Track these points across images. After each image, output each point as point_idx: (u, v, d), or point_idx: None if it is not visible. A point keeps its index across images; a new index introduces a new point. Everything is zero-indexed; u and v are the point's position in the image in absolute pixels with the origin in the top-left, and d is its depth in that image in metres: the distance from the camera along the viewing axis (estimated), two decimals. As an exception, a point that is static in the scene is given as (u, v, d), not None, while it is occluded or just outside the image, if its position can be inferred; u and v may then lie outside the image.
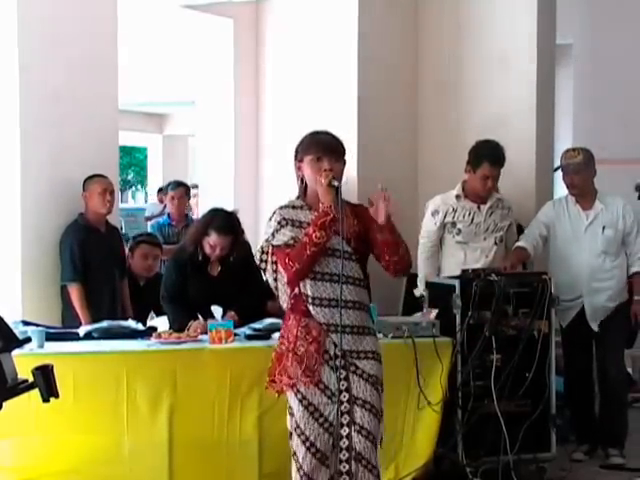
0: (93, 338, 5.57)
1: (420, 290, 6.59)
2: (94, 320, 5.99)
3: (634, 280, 6.71)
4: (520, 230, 7.20)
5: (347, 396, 4.31)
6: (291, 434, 4.36)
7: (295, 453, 4.34)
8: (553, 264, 6.74)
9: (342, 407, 4.29)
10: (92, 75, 6.70)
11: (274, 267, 4.37)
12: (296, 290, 4.33)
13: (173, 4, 8.23)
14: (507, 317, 5.92)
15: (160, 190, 15.05)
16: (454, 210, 6.58)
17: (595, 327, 6.61)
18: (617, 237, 6.63)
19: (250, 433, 5.31)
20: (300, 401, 4.29)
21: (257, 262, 4.43)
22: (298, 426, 4.30)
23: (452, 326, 5.87)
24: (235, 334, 5.50)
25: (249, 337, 5.59)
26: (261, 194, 8.32)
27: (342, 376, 4.30)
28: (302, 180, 4.40)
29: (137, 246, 7.15)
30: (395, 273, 4.43)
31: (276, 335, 5.52)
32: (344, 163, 4.40)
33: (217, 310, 5.62)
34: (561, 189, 7.21)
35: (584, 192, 6.69)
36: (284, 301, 4.43)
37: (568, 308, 6.59)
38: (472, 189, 6.61)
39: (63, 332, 5.76)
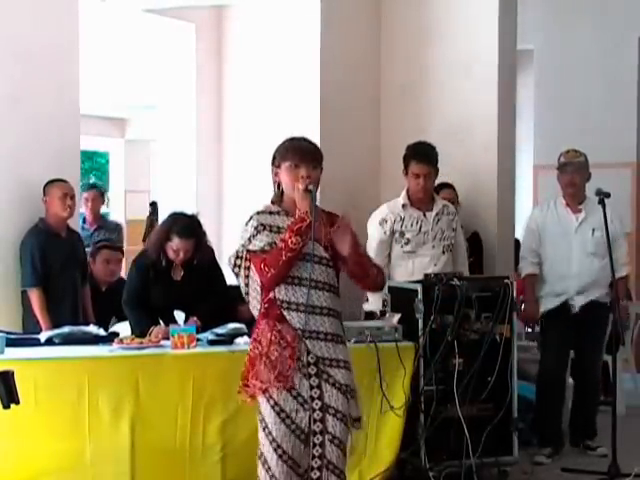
0: (54, 344, 5.54)
1: (370, 306, 6.51)
2: (55, 325, 5.95)
3: (618, 285, 6.84)
4: (477, 238, 7.25)
5: (319, 404, 4.28)
6: (261, 440, 4.33)
7: (266, 459, 4.29)
8: (544, 264, 6.93)
9: (314, 415, 4.28)
10: (53, 79, 6.67)
11: (247, 272, 4.36)
12: (271, 295, 4.31)
13: (135, 8, 8.19)
14: (469, 321, 5.94)
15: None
16: (402, 219, 6.52)
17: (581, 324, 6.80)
18: (605, 240, 6.73)
19: (213, 439, 5.29)
20: (272, 407, 4.25)
21: (230, 267, 4.41)
22: (270, 432, 4.25)
23: (415, 330, 5.88)
24: (197, 339, 5.48)
25: (211, 342, 5.57)
26: (224, 199, 8.30)
27: (315, 384, 4.30)
28: (279, 186, 4.41)
29: (99, 251, 7.13)
30: (368, 291, 4.53)
31: (239, 340, 5.54)
32: (321, 170, 4.41)
33: (179, 315, 5.60)
34: (523, 194, 7.27)
35: (579, 193, 6.82)
36: (254, 306, 4.40)
37: (556, 306, 6.82)
38: (412, 194, 6.59)
39: (24, 338, 5.72)
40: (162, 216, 7.75)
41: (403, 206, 6.54)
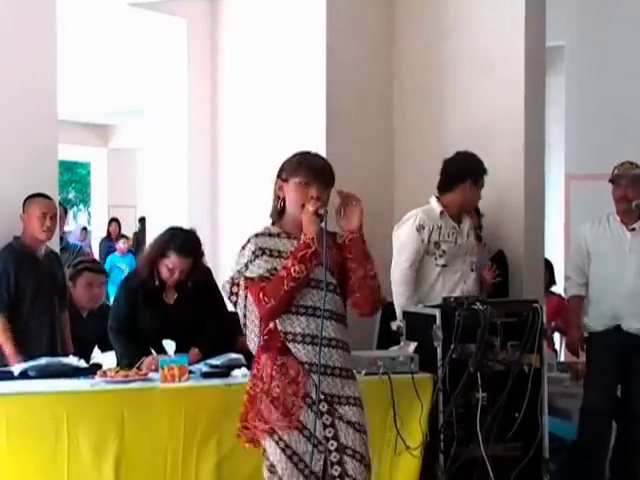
0: (29, 377, 5.53)
1: (398, 323, 6.54)
2: (30, 357, 5.93)
3: None
4: (502, 257, 7.25)
5: (335, 444, 4.29)
6: None
7: None
8: (592, 284, 6.96)
9: (331, 457, 4.29)
10: (28, 81, 6.69)
11: (245, 302, 4.35)
12: (271, 326, 4.31)
13: (119, 2, 8.23)
14: (494, 350, 5.93)
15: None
16: (439, 227, 6.53)
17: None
18: None
19: (207, 483, 5.29)
20: (283, 450, 4.25)
21: (226, 295, 4.42)
22: (281, 479, 4.25)
23: (433, 361, 5.87)
24: (190, 371, 5.48)
25: (206, 375, 5.58)
26: (218, 214, 8.30)
27: (328, 422, 4.30)
28: (283, 201, 4.41)
29: (79, 274, 7.12)
30: (365, 310, 4.43)
31: (236, 372, 5.53)
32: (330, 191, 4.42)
33: (170, 344, 5.60)
34: (554, 207, 7.28)
35: (633, 209, 6.84)
36: (252, 340, 4.40)
37: (603, 331, 6.83)
38: (464, 204, 6.62)
39: (-5, 371, 5.73)
40: (149, 234, 7.76)
41: (441, 214, 6.56)
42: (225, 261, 8.07)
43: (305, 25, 7.66)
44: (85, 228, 21.25)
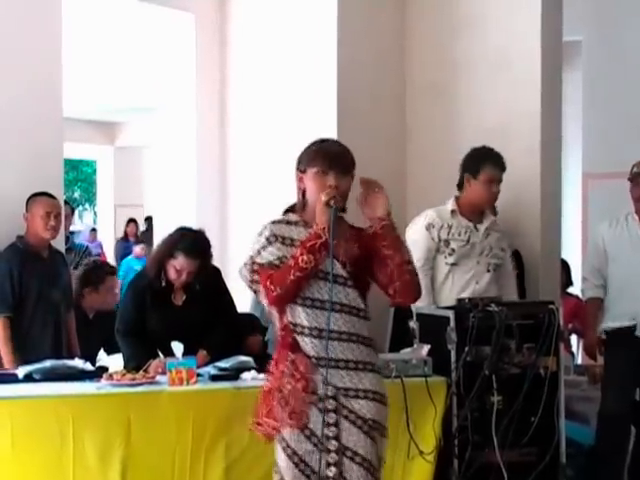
0: (34, 380, 5.53)
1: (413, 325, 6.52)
2: (34, 359, 5.92)
3: None
4: (518, 257, 7.23)
5: (336, 445, 4.26)
6: None
7: None
8: (610, 285, 6.95)
9: (329, 457, 4.26)
10: (33, 78, 6.69)
11: None
12: (285, 320, 4.32)
13: (126, -4, 8.24)
14: (509, 353, 5.92)
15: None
16: (449, 226, 6.54)
17: None
18: None
19: (216, 488, 5.29)
20: (284, 449, 4.27)
21: (246, 282, 4.42)
22: (283, 478, 4.27)
23: (447, 364, 5.86)
24: (198, 374, 5.48)
25: (214, 378, 5.57)
26: (227, 212, 8.30)
27: (332, 421, 4.27)
28: (304, 193, 4.42)
29: (104, 279, 7.14)
30: (408, 297, 4.45)
31: (246, 375, 5.53)
32: (352, 177, 4.41)
33: (177, 347, 5.59)
34: (571, 206, 7.26)
35: None
36: (277, 329, 4.43)
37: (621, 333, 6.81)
38: (472, 201, 6.61)
39: (-1, 373, 5.74)
40: (157, 233, 7.76)
41: (452, 212, 6.56)
42: (234, 260, 8.07)
43: (316, 21, 7.65)
44: (94, 229, 21.33)
